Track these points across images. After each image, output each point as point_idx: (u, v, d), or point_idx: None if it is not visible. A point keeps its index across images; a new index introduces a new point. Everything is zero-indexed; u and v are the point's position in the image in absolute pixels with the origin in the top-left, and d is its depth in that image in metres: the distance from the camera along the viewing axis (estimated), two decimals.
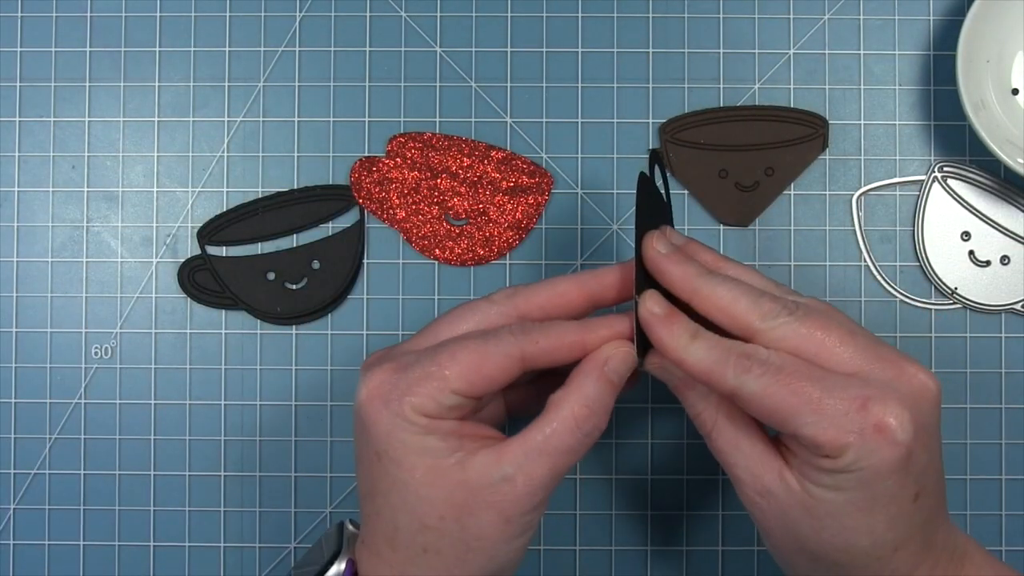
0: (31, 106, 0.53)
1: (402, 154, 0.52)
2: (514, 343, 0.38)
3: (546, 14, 0.53)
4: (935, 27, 0.52)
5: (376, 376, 0.38)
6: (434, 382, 0.37)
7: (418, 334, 0.41)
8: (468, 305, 0.41)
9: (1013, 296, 0.52)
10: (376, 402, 0.38)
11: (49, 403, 0.52)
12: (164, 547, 0.52)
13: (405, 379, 0.37)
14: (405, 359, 0.38)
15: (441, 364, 0.37)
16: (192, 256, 0.52)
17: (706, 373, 0.37)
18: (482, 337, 0.38)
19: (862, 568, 0.37)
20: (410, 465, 0.37)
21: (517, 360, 0.38)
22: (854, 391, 0.35)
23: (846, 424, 0.35)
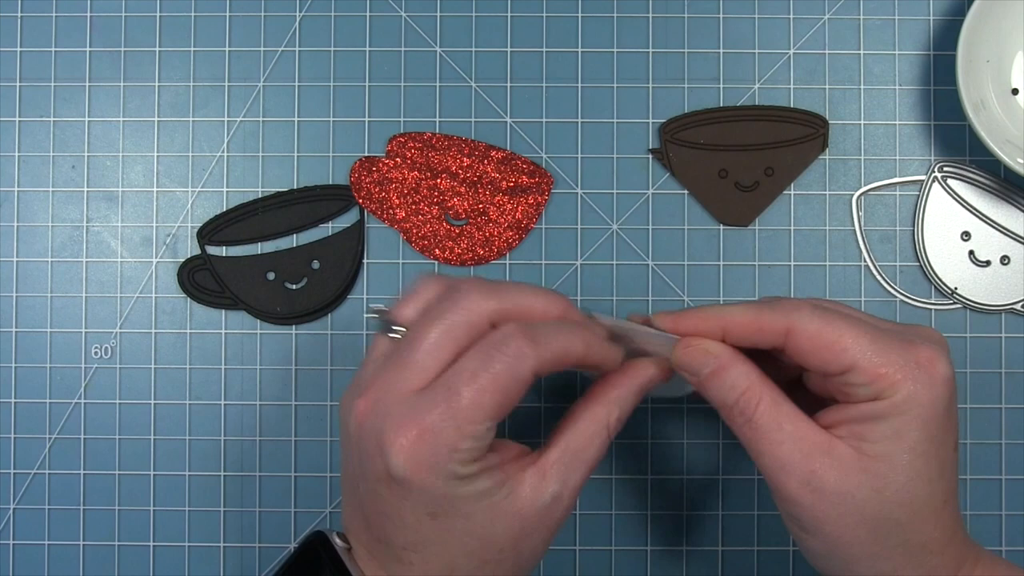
0: (31, 106, 0.53)
1: (402, 154, 0.52)
2: (526, 362, 0.36)
3: (546, 14, 0.53)
4: (935, 27, 0.52)
5: (403, 437, 0.36)
6: (469, 427, 0.36)
7: (390, 363, 0.38)
8: (446, 321, 0.38)
9: (1013, 296, 0.52)
10: (419, 469, 0.36)
11: (49, 403, 0.52)
12: (164, 547, 0.52)
13: (442, 439, 0.36)
14: (426, 415, 0.36)
15: (470, 414, 0.36)
16: (192, 256, 0.52)
17: (755, 321, 0.38)
18: (488, 359, 0.36)
19: (920, 524, 0.37)
20: (467, 513, 0.37)
21: (532, 375, 0.37)
22: (896, 337, 0.37)
23: (899, 360, 0.36)
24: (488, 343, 0.36)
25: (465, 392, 0.36)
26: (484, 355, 0.36)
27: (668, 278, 0.52)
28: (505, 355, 0.36)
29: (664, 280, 0.52)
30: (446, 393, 0.36)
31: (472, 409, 0.36)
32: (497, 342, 0.36)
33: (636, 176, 0.52)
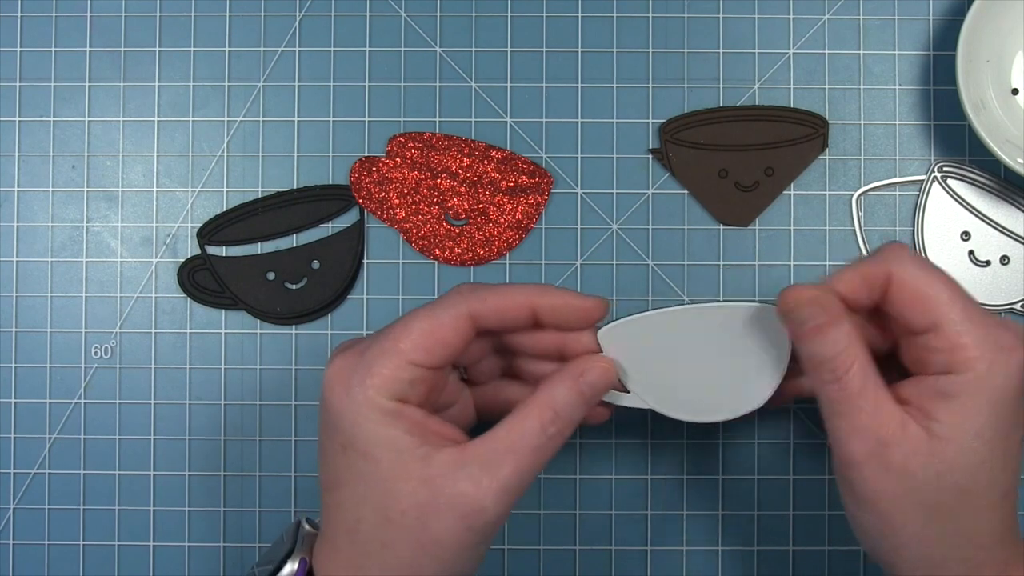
0: (31, 106, 0.53)
1: (402, 154, 0.52)
2: (463, 302, 0.39)
3: (546, 14, 0.53)
4: (935, 27, 0.52)
5: (337, 362, 0.38)
6: (392, 358, 0.37)
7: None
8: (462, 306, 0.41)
9: (1013, 296, 0.52)
10: (338, 388, 0.37)
11: (49, 403, 0.52)
12: (164, 547, 0.52)
13: (364, 361, 0.37)
14: (363, 343, 0.39)
15: (396, 338, 0.38)
16: (192, 256, 0.52)
17: (859, 273, 0.38)
18: (431, 305, 0.39)
19: (975, 514, 0.37)
20: (376, 457, 0.37)
21: (467, 319, 0.38)
22: (983, 314, 0.37)
23: (982, 335, 0.36)
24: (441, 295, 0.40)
25: (397, 324, 0.38)
26: (430, 305, 0.39)
27: (668, 278, 0.52)
28: (444, 298, 0.39)
29: (664, 280, 0.52)
30: (389, 331, 0.38)
31: (398, 336, 0.37)
32: (448, 291, 0.40)
33: (636, 176, 0.52)
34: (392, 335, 0.38)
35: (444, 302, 0.39)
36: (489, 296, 0.39)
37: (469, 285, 0.40)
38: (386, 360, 0.37)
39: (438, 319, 0.38)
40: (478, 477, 0.37)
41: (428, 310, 0.39)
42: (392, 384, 0.37)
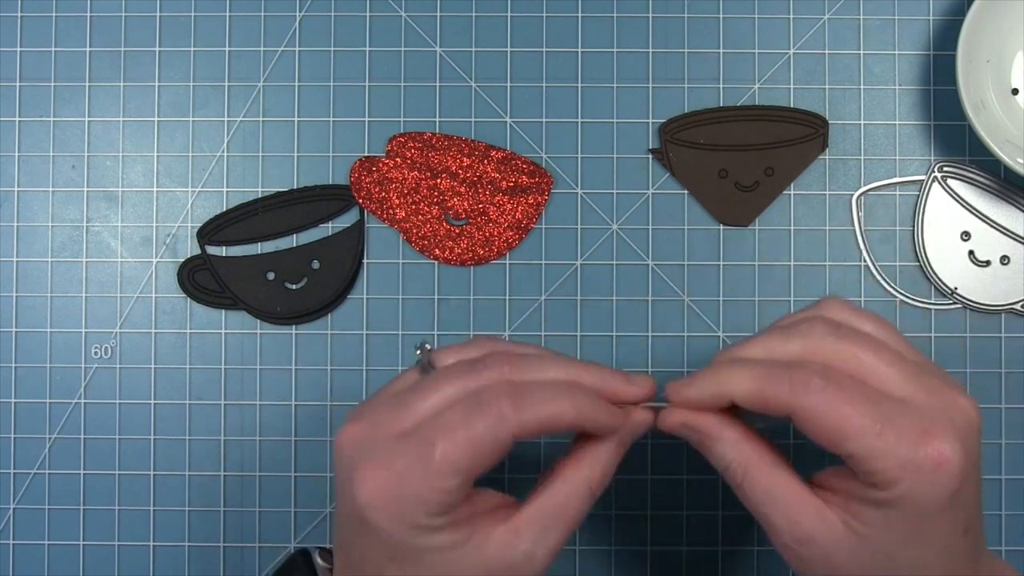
0: (31, 106, 0.53)
1: (402, 154, 0.52)
2: (506, 427, 0.35)
3: (546, 14, 0.53)
4: (935, 27, 0.52)
5: (371, 479, 0.35)
6: (438, 481, 0.35)
7: (394, 400, 0.37)
8: (464, 384, 0.37)
9: (1013, 296, 0.52)
10: (382, 513, 0.35)
11: (49, 403, 0.52)
12: (164, 547, 0.52)
13: (408, 486, 0.35)
14: (398, 460, 0.35)
15: (440, 468, 0.35)
16: (192, 256, 0.52)
17: (758, 394, 0.35)
18: (468, 416, 0.35)
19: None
20: (429, 563, 0.36)
21: (509, 440, 0.36)
22: (912, 421, 0.34)
23: (904, 454, 0.34)
24: (474, 397, 0.35)
25: (439, 445, 0.35)
26: (466, 411, 0.35)
27: (668, 278, 0.52)
28: (486, 415, 0.35)
29: (664, 280, 0.52)
30: (421, 443, 0.35)
31: (443, 463, 0.35)
32: (482, 399, 0.35)
33: (636, 176, 0.52)
34: (434, 464, 0.35)
35: (485, 418, 0.35)
36: (530, 417, 0.35)
37: (509, 392, 0.35)
38: (431, 484, 0.35)
39: (481, 441, 0.35)
40: (532, 551, 0.37)
41: (468, 428, 0.35)
42: (440, 505, 0.35)
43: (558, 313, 0.52)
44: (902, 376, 0.35)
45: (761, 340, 0.37)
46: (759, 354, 0.37)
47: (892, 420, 0.34)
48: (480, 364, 0.37)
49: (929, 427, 0.34)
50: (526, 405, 0.35)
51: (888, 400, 0.35)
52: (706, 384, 0.37)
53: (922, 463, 0.34)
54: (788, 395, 0.35)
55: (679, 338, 0.52)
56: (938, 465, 0.34)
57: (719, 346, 0.52)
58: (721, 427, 0.37)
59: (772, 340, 0.37)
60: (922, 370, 0.36)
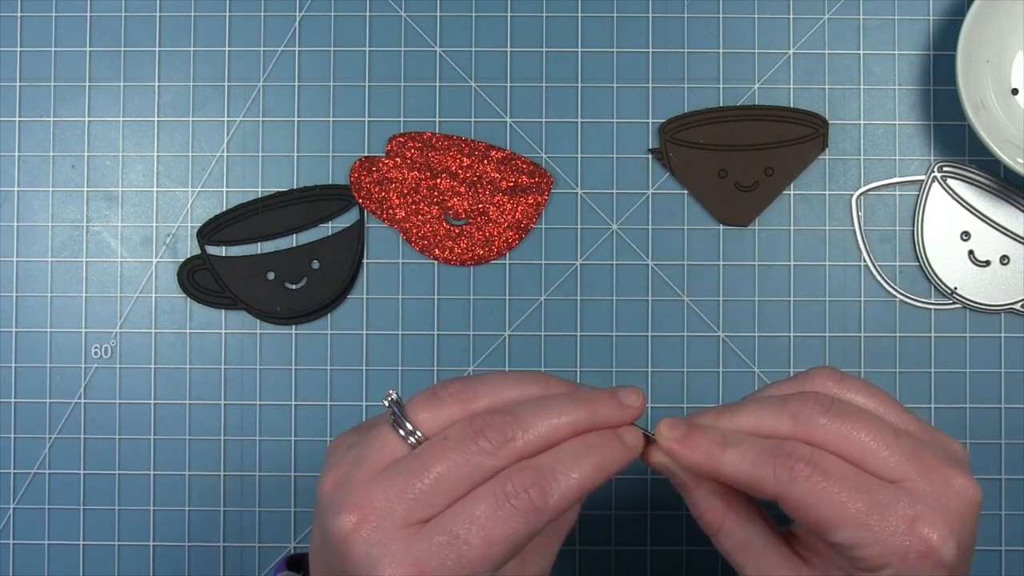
0: (31, 106, 0.53)
1: (402, 154, 0.52)
2: (541, 518, 0.34)
3: (546, 14, 0.53)
4: (935, 27, 0.52)
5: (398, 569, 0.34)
6: (471, 573, 0.34)
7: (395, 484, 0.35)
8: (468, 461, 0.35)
9: (1013, 296, 0.52)
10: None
11: (49, 403, 0.52)
12: (164, 547, 0.52)
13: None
14: (430, 560, 0.34)
15: (477, 565, 0.34)
16: (192, 256, 0.52)
17: (744, 479, 0.35)
18: (498, 511, 0.34)
19: None
20: None
21: (545, 524, 0.35)
22: (902, 508, 0.33)
23: (892, 542, 0.33)
24: (501, 490, 0.34)
25: (475, 544, 0.33)
26: (495, 505, 0.34)
27: (668, 278, 0.52)
28: (519, 510, 0.34)
29: (664, 280, 0.52)
30: (452, 538, 0.34)
31: (480, 561, 0.34)
32: (508, 494, 0.34)
33: (636, 176, 0.52)
34: (471, 563, 0.34)
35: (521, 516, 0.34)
36: (562, 499, 0.34)
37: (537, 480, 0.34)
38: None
39: (517, 541, 0.34)
40: (539, 571, 0.39)
41: (495, 514, 0.34)
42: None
43: (558, 313, 0.52)
44: (897, 456, 0.35)
45: (752, 410, 0.36)
46: (748, 425, 0.36)
47: (881, 509, 0.33)
48: (479, 433, 0.35)
49: (920, 514, 0.33)
50: (554, 488, 0.34)
51: (878, 487, 0.34)
52: (698, 455, 0.36)
53: (909, 552, 0.33)
54: (774, 484, 0.34)
55: (679, 338, 0.52)
56: (926, 555, 0.33)
57: (719, 346, 0.52)
58: (698, 481, 0.37)
59: (763, 414, 0.36)
60: (919, 447, 0.35)
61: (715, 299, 0.52)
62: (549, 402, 0.36)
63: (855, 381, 0.37)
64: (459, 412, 0.36)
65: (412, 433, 0.35)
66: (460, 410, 0.36)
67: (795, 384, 0.37)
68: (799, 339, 0.52)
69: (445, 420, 0.36)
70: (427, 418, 0.36)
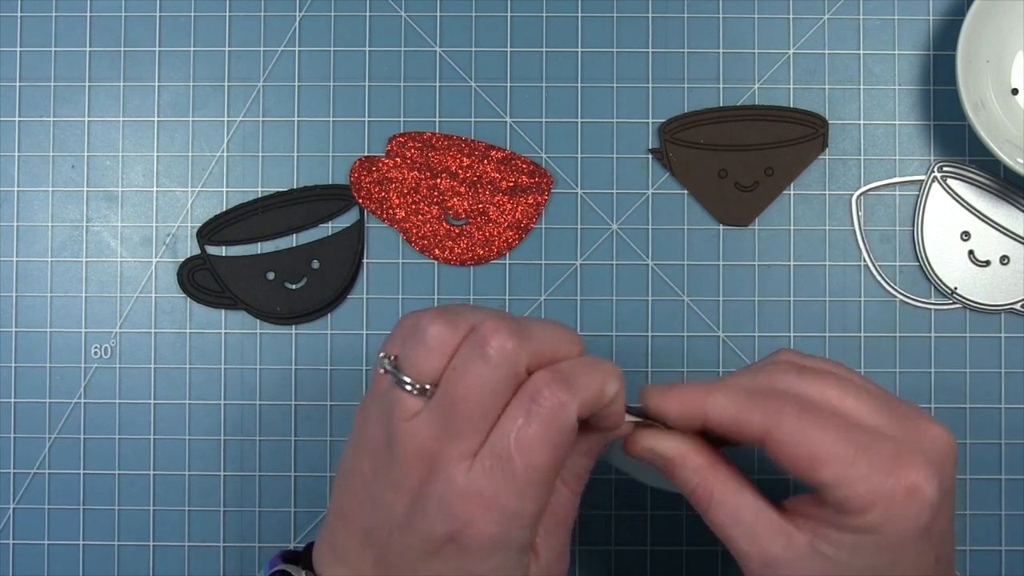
0: (31, 106, 0.53)
1: (402, 154, 0.52)
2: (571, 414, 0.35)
3: (546, 14, 0.53)
4: (935, 27, 0.52)
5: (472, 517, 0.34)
6: (529, 490, 0.34)
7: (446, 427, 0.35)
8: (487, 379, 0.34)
9: (1013, 296, 0.52)
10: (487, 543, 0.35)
11: (49, 403, 0.52)
12: (164, 547, 0.52)
13: (508, 509, 0.35)
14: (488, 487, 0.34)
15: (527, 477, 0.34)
16: (192, 256, 0.52)
17: (732, 420, 0.35)
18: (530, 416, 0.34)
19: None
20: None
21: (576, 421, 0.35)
22: (886, 449, 0.34)
23: (877, 482, 0.34)
24: (526, 397, 0.34)
25: (518, 459, 0.34)
26: (526, 412, 0.34)
27: (668, 278, 0.52)
28: (546, 408, 0.34)
29: (664, 280, 0.52)
30: (498, 462, 0.34)
31: (527, 477, 0.34)
32: (535, 394, 0.34)
33: (636, 176, 0.52)
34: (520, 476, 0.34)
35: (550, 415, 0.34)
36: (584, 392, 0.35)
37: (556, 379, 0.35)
38: (526, 499, 0.35)
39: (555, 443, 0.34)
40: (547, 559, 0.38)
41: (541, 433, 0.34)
42: (536, 517, 0.36)
43: (558, 313, 0.52)
44: (870, 408, 0.36)
45: (728, 382, 0.37)
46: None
47: (866, 448, 0.34)
48: (484, 343, 0.35)
49: (902, 456, 0.34)
50: (576, 384, 0.35)
51: (861, 429, 0.35)
52: (685, 399, 0.37)
53: (895, 491, 0.34)
54: (762, 421, 0.35)
55: (679, 338, 0.52)
56: (911, 494, 0.34)
57: (719, 346, 0.52)
58: (686, 453, 0.37)
59: (740, 378, 0.37)
60: (889, 400, 0.36)
61: (715, 299, 0.52)
62: (535, 319, 0.37)
63: (817, 357, 0.39)
64: (452, 335, 0.36)
65: (422, 388, 0.35)
66: (452, 333, 0.36)
67: (761, 363, 0.38)
68: (799, 339, 0.52)
69: (447, 353, 0.36)
70: (431, 365, 0.35)
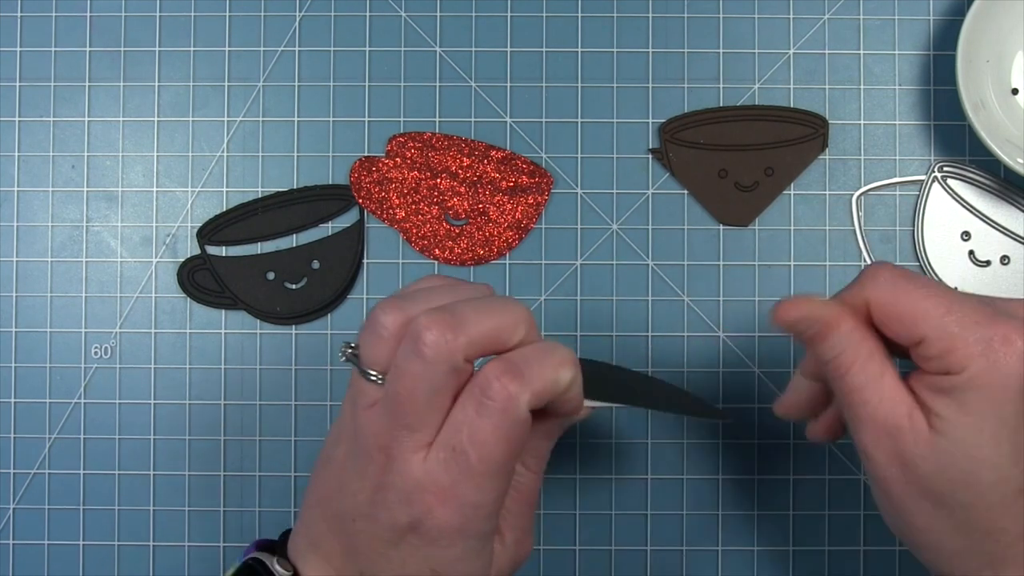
0: (31, 106, 0.53)
1: (402, 154, 0.52)
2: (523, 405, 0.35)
3: (546, 14, 0.53)
4: (935, 27, 0.52)
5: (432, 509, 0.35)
6: (487, 482, 0.35)
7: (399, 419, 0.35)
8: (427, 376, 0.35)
9: (1013, 296, 0.52)
10: (451, 534, 0.36)
11: (49, 403, 0.52)
12: (164, 547, 0.52)
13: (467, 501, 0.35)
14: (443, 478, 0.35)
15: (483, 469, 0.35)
16: (192, 256, 0.52)
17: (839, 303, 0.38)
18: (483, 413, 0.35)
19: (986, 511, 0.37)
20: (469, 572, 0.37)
21: (528, 412, 0.36)
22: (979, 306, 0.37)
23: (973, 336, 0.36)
24: (477, 390, 0.35)
25: (471, 452, 0.35)
26: (477, 405, 0.35)
27: (668, 278, 0.52)
28: (497, 402, 0.34)
29: (664, 280, 0.52)
30: (452, 454, 0.35)
31: (482, 469, 0.35)
32: (484, 387, 0.35)
33: (636, 176, 0.52)
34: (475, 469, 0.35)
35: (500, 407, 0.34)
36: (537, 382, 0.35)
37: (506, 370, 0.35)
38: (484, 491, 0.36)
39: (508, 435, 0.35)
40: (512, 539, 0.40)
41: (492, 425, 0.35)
42: (496, 505, 0.37)
43: (558, 313, 0.52)
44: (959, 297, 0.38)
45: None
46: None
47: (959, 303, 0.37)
48: (417, 339, 0.35)
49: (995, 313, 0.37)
50: (527, 376, 0.35)
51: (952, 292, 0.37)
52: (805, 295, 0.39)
53: (992, 340, 0.36)
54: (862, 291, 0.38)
55: (679, 338, 0.52)
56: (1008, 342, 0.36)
57: (719, 346, 0.52)
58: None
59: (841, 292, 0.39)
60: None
61: (715, 299, 0.52)
62: (482, 302, 0.37)
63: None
64: (398, 328, 0.36)
65: (380, 377, 0.36)
66: (398, 325, 0.36)
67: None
68: None
69: (395, 345, 0.36)
70: (382, 354, 0.36)
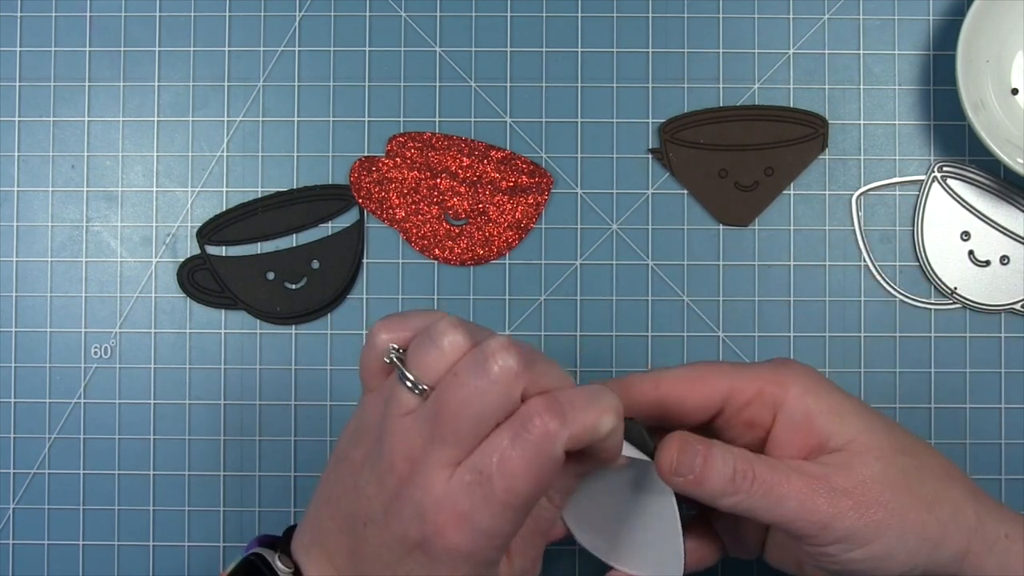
0: (31, 106, 0.53)
1: (402, 154, 0.52)
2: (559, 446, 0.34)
3: (546, 14, 0.53)
4: (935, 27, 0.52)
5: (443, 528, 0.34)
6: (508, 513, 0.34)
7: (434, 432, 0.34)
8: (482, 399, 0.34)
9: (1013, 296, 0.52)
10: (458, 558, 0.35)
11: (49, 403, 0.52)
12: (164, 547, 0.52)
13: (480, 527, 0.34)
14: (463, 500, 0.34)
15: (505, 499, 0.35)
16: (192, 256, 0.52)
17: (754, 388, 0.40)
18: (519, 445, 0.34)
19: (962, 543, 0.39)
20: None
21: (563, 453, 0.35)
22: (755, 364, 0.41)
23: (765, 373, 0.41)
24: (518, 421, 0.34)
25: (498, 480, 0.34)
26: (513, 435, 0.34)
27: (668, 278, 0.52)
28: (534, 436, 0.34)
29: (664, 280, 0.52)
30: (478, 478, 0.34)
31: (505, 498, 0.34)
32: (526, 419, 0.34)
33: (636, 176, 0.52)
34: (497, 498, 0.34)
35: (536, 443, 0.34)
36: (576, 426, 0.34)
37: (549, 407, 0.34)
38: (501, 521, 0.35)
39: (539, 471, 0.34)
40: (525, 568, 0.40)
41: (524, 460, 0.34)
42: (509, 539, 0.36)
43: (558, 313, 0.52)
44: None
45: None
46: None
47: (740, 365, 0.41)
48: (482, 371, 0.34)
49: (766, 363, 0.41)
50: (569, 418, 0.34)
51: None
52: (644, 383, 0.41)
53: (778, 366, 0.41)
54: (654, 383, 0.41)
55: (679, 338, 0.52)
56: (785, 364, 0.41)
57: (719, 346, 0.52)
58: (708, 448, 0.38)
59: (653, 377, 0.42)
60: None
61: (715, 299, 0.52)
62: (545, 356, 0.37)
63: None
64: (460, 348, 0.35)
65: (422, 388, 0.35)
66: (462, 346, 0.35)
67: None
68: (799, 339, 0.52)
69: (451, 364, 0.35)
70: (434, 369, 0.35)
